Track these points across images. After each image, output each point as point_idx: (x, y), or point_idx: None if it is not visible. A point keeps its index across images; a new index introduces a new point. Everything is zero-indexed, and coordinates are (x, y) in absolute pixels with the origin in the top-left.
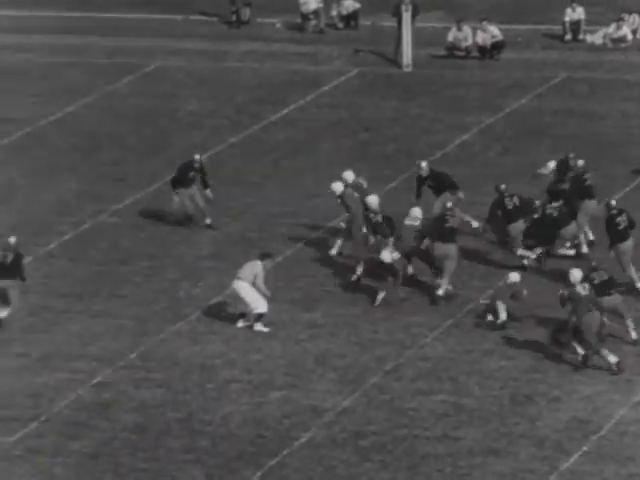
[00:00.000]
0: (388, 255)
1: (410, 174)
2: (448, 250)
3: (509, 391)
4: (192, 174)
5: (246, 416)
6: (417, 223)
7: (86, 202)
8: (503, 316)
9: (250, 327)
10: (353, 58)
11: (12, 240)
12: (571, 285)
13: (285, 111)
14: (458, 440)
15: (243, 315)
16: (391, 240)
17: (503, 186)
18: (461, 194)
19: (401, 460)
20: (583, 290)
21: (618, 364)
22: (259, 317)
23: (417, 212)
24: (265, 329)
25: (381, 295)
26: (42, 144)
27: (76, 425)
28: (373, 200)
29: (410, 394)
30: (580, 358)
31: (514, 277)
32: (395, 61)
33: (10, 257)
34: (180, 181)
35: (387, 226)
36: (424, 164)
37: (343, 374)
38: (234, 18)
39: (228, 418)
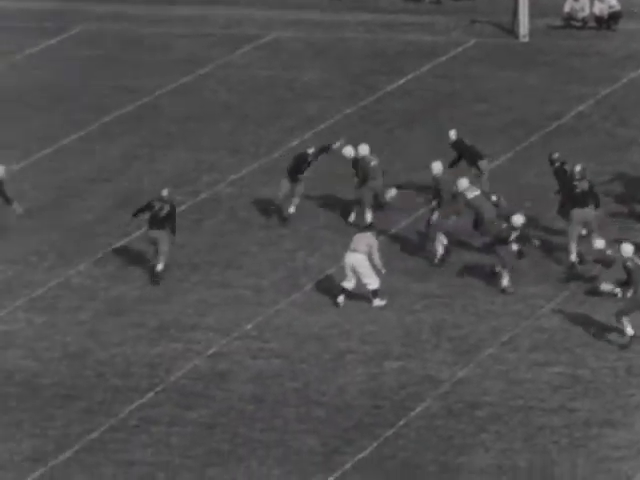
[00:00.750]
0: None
1: (526, 145)
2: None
3: (625, 363)
4: (304, 166)
5: (362, 387)
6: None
7: (202, 172)
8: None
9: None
10: (470, 28)
11: (165, 192)
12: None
13: (401, 81)
14: (574, 411)
15: (344, 291)
16: None
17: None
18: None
19: (516, 431)
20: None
21: None
22: (375, 293)
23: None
24: (382, 302)
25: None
26: (158, 114)
27: (192, 395)
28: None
29: (526, 365)
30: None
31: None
32: (512, 31)
33: (166, 209)
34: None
35: None
36: (452, 132)
37: (458, 344)
38: None
39: (344, 388)
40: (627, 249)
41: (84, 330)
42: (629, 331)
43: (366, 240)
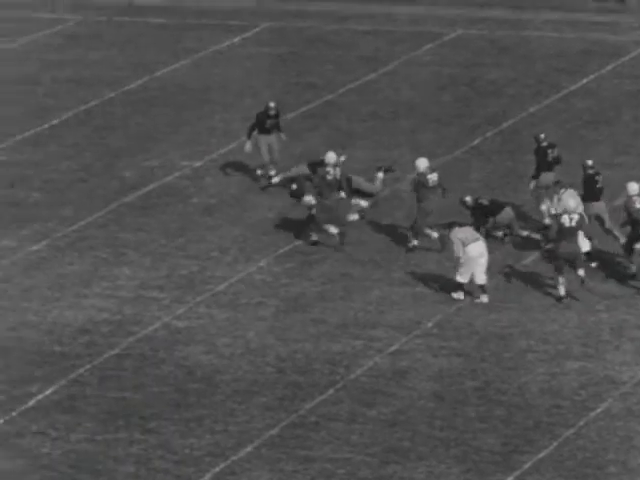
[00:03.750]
0: None
1: None
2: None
3: None
4: (269, 122)
5: (542, 386)
6: None
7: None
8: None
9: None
10: None
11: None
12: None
13: (584, 81)
14: None
15: (461, 286)
16: None
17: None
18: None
19: None
20: None
21: None
22: (483, 288)
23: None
24: (486, 299)
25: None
26: (341, 112)
27: (373, 392)
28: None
29: None
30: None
31: None
32: None
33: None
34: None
35: None
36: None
37: None
38: None
39: (524, 388)
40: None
41: (265, 326)
42: None
43: (470, 229)
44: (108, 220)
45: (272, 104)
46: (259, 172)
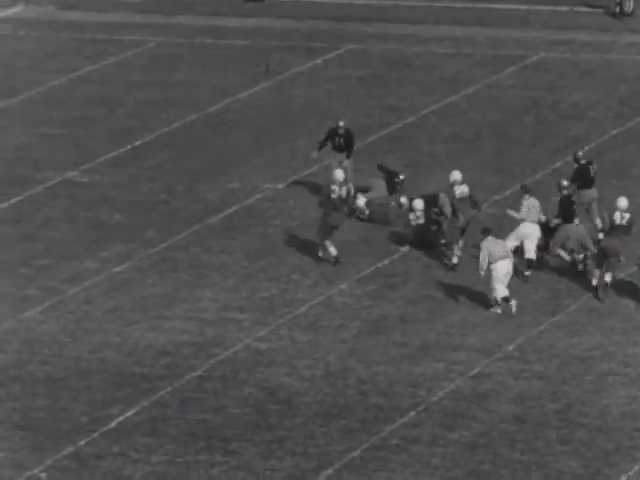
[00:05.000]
0: None
1: None
2: None
3: None
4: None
5: (623, 409)
6: None
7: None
8: None
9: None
10: None
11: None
12: None
13: None
14: None
15: (507, 299)
16: None
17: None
18: None
19: None
20: None
21: None
22: (505, 300)
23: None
24: (499, 310)
25: None
26: (423, 134)
27: (454, 415)
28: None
29: None
30: None
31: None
32: None
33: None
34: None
35: None
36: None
37: None
38: (618, 9)
39: (605, 411)
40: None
41: (346, 348)
42: None
43: (503, 244)
44: (190, 242)
45: (341, 123)
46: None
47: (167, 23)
